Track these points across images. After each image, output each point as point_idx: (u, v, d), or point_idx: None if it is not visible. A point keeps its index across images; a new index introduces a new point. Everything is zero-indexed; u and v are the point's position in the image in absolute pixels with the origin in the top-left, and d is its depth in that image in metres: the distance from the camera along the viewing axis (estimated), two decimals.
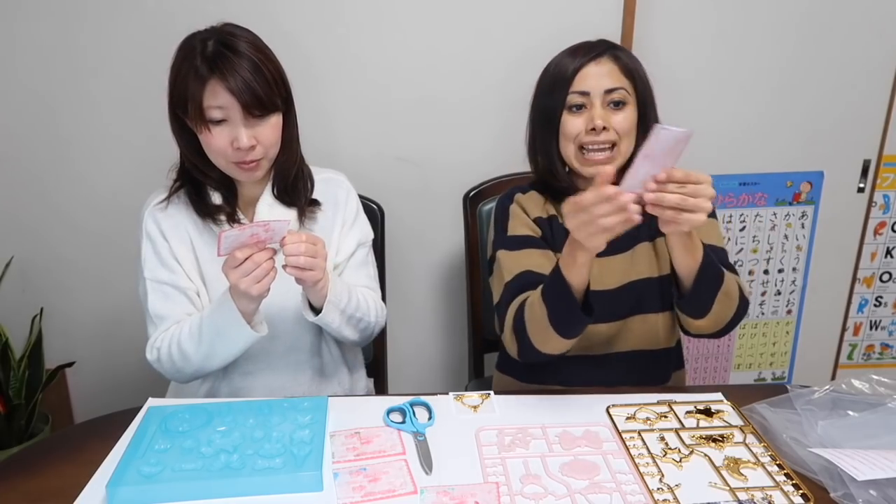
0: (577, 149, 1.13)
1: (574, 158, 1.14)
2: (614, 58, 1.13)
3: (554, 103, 1.14)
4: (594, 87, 1.11)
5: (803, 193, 1.85)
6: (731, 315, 1.08)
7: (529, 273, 1.13)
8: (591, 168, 1.13)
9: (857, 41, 1.71)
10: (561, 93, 1.13)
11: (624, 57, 1.14)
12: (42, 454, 1.00)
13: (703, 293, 1.04)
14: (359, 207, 1.32)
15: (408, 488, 0.88)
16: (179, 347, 1.14)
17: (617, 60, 1.13)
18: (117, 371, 1.90)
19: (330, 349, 1.30)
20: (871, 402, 1.01)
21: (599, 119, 1.10)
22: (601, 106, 1.11)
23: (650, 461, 0.94)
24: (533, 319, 1.05)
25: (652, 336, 1.21)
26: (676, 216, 0.90)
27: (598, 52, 1.13)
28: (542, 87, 1.18)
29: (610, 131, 1.11)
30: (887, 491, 0.83)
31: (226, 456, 0.93)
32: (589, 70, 1.12)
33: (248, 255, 1.02)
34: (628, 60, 1.14)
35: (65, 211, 1.76)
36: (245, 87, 1.06)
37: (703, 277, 1.02)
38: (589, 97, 1.11)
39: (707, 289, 1.03)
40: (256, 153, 1.12)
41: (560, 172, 1.18)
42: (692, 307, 1.07)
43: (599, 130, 1.10)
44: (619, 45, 1.18)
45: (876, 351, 2.04)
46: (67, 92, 1.66)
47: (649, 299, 1.20)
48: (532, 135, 1.21)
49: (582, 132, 1.12)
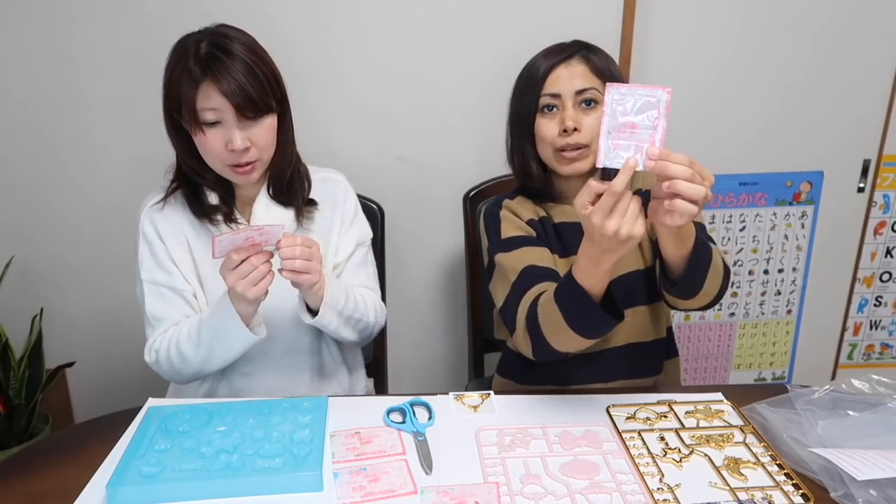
0: (554, 151, 1.13)
1: (552, 159, 1.15)
2: (585, 59, 1.13)
3: (527, 105, 1.14)
4: (565, 88, 1.11)
5: (803, 193, 1.85)
6: (718, 289, 1.07)
7: (533, 268, 1.12)
8: (567, 167, 1.13)
9: (857, 41, 1.71)
10: (533, 94, 1.13)
11: (595, 58, 1.14)
12: (42, 454, 1.00)
13: (694, 275, 1.02)
14: (357, 207, 1.32)
15: (408, 488, 0.88)
16: (178, 349, 1.14)
17: (588, 61, 1.13)
18: (117, 371, 1.90)
19: (329, 350, 1.30)
20: (871, 402, 1.01)
21: (570, 120, 1.09)
22: (573, 107, 1.11)
23: (650, 461, 0.94)
24: (548, 320, 1.02)
25: (643, 328, 1.20)
26: (674, 204, 0.86)
27: (568, 54, 1.13)
28: (516, 90, 1.19)
29: (582, 132, 1.10)
30: (887, 491, 0.84)
31: (226, 456, 0.93)
32: (560, 72, 1.12)
33: (245, 257, 1.02)
34: (599, 61, 1.14)
35: (64, 211, 1.76)
36: (238, 88, 1.05)
37: (694, 260, 1.00)
38: (560, 98, 1.11)
39: (698, 270, 1.02)
40: (251, 155, 1.11)
41: (535, 173, 1.18)
42: (684, 290, 1.05)
43: (571, 131, 1.09)
44: (593, 45, 1.17)
45: (876, 351, 2.04)
46: (65, 92, 1.66)
47: (637, 292, 1.19)
48: (509, 136, 1.22)
49: (556, 136, 1.11)
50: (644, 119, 0.88)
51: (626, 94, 0.88)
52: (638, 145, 0.88)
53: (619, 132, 0.88)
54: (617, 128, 0.88)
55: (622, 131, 0.88)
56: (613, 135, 0.89)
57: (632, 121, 0.88)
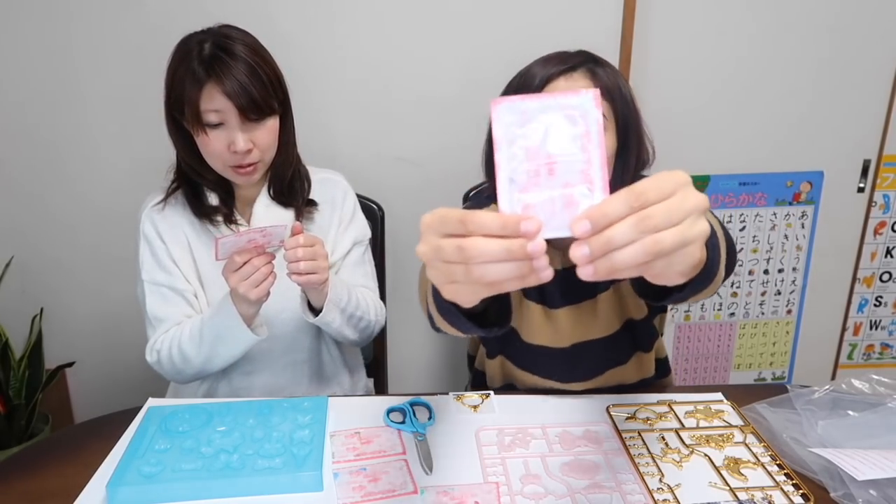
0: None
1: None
2: (590, 73, 0.98)
3: None
4: None
5: (803, 193, 1.85)
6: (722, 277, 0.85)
7: None
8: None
9: (857, 41, 1.71)
10: None
11: (603, 73, 0.99)
12: (42, 454, 1.00)
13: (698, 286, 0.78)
14: (356, 207, 1.32)
15: (408, 488, 0.88)
16: (180, 350, 1.14)
17: (593, 76, 0.98)
18: (117, 371, 1.90)
19: (329, 350, 1.30)
20: (871, 402, 1.01)
21: None
22: None
23: (650, 461, 0.94)
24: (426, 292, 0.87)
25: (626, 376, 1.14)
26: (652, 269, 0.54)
27: (571, 66, 0.98)
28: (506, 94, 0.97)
29: None
30: (887, 491, 0.83)
31: (226, 456, 0.93)
32: (558, 85, 0.97)
33: (247, 258, 1.03)
34: (606, 76, 0.98)
35: (64, 211, 1.76)
36: (241, 90, 1.05)
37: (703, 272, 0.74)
38: None
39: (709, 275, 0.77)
40: (253, 156, 1.11)
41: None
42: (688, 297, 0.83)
43: None
44: (600, 58, 1.02)
45: (876, 351, 2.04)
46: (65, 93, 1.66)
47: (608, 357, 1.10)
48: (488, 147, 1.08)
49: None
50: (567, 146, 0.55)
51: (524, 110, 0.55)
52: (567, 196, 0.54)
53: (529, 177, 0.55)
54: (523, 170, 0.55)
55: (534, 175, 0.55)
56: (520, 183, 0.55)
57: (547, 153, 0.55)
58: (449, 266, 0.56)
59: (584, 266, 0.53)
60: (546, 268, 0.54)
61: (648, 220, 0.51)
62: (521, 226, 0.52)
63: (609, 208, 0.52)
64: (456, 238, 0.55)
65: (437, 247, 0.56)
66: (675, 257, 0.53)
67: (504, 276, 0.54)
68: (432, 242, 0.57)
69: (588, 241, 0.52)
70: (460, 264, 0.55)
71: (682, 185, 0.54)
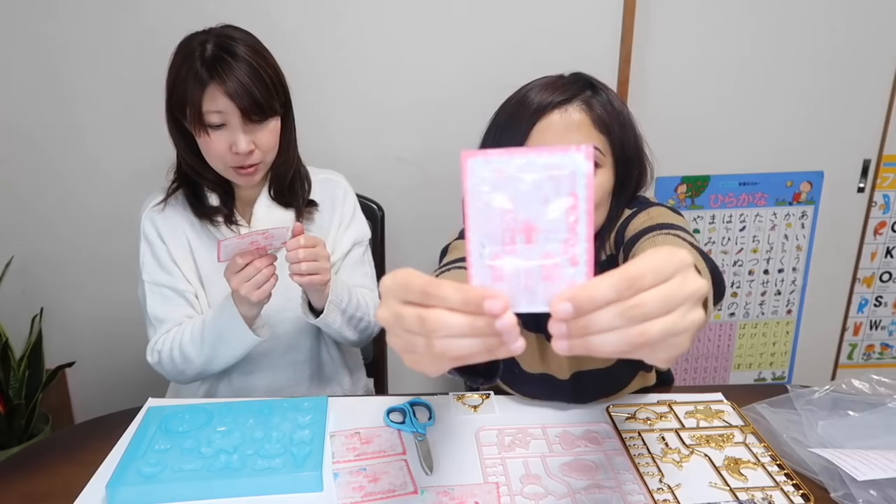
0: None
1: None
2: (586, 105, 0.93)
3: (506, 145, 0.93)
4: (554, 143, 0.87)
5: (803, 193, 1.85)
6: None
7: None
8: None
9: (857, 41, 1.71)
10: (516, 137, 0.92)
11: (598, 104, 0.93)
12: (42, 454, 1.00)
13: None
14: (356, 207, 1.32)
15: (408, 488, 0.88)
16: (181, 350, 1.14)
17: (588, 109, 0.92)
18: (117, 371, 1.90)
19: (329, 350, 1.30)
20: (871, 402, 1.01)
21: None
22: None
23: (650, 461, 0.94)
24: None
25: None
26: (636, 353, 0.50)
27: (566, 98, 0.92)
28: (499, 116, 0.98)
29: None
30: (887, 491, 0.83)
31: (226, 456, 0.93)
32: (551, 119, 0.91)
33: (249, 260, 1.03)
34: (602, 108, 0.93)
35: (64, 211, 1.76)
36: (244, 92, 1.05)
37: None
38: None
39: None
40: (255, 157, 1.11)
41: None
42: None
43: None
44: (598, 84, 0.96)
45: (876, 351, 2.04)
46: (65, 93, 1.66)
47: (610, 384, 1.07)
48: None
49: None
50: (549, 212, 0.48)
51: (501, 168, 0.48)
52: (546, 268, 0.49)
53: (504, 243, 0.49)
54: (497, 235, 0.49)
55: (510, 242, 0.49)
56: (493, 250, 0.49)
57: (526, 218, 0.48)
58: (411, 336, 0.52)
59: (558, 340, 0.49)
60: (517, 340, 0.50)
61: (637, 309, 0.47)
62: (484, 304, 0.48)
63: (597, 293, 0.47)
64: (418, 307, 0.51)
65: (397, 314, 0.52)
66: (659, 346, 0.49)
67: (468, 351, 0.50)
68: (393, 309, 0.52)
69: (567, 321, 0.48)
70: (421, 336, 0.51)
71: (682, 269, 0.49)
